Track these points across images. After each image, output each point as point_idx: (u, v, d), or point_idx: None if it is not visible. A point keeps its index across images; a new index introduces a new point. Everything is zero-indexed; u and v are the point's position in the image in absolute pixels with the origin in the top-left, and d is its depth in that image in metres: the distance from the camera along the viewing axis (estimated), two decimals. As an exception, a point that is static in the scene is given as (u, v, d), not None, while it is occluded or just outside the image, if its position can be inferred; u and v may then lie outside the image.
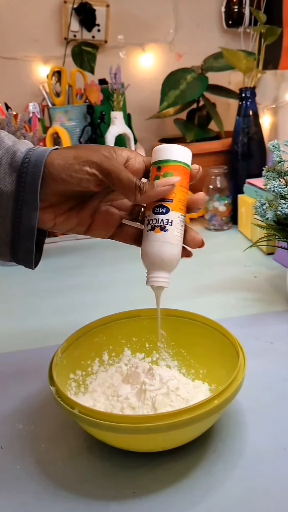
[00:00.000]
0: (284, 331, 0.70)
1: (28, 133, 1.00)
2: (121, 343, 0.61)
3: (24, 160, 0.45)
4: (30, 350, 0.70)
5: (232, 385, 0.45)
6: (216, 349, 0.56)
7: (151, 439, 0.45)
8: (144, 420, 0.43)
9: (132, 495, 0.44)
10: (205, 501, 0.43)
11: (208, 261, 1.00)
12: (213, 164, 1.22)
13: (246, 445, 0.49)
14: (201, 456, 0.48)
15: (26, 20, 1.33)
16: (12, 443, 0.52)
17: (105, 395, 0.53)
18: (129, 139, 1.19)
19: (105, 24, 1.33)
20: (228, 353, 0.53)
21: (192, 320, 0.60)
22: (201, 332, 0.58)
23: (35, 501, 0.45)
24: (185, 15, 1.40)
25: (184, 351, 0.60)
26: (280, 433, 0.50)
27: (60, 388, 0.46)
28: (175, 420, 0.42)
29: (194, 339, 0.59)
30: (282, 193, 0.73)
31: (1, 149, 0.46)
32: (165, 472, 0.46)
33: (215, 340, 0.56)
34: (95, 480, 0.46)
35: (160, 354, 0.61)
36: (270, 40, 1.13)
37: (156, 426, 0.42)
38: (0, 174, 0.45)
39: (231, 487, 0.44)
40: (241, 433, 0.50)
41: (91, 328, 0.58)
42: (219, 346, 0.55)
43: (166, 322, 0.61)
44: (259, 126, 1.14)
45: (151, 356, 0.61)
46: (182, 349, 0.61)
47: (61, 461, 0.49)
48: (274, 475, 0.45)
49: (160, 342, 0.60)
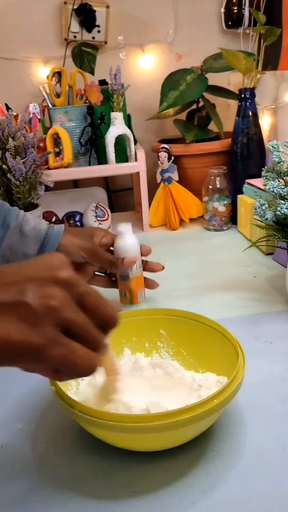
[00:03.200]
0: (284, 331, 0.70)
1: (28, 134, 1.00)
2: (121, 343, 0.61)
3: (46, 235, 0.72)
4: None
5: (231, 385, 0.46)
6: (215, 349, 0.56)
7: (150, 438, 0.45)
8: (144, 419, 0.43)
9: (131, 494, 0.44)
10: (204, 500, 0.43)
11: (207, 261, 1.00)
12: (213, 164, 1.22)
13: (245, 444, 0.49)
14: (201, 455, 0.48)
15: (27, 21, 1.34)
16: (12, 442, 0.52)
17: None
18: (129, 139, 1.19)
19: (105, 25, 1.34)
20: (227, 353, 0.53)
21: (192, 320, 0.60)
22: (201, 332, 0.58)
23: (35, 501, 0.45)
24: (185, 16, 1.40)
25: (183, 351, 0.61)
26: (280, 433, 0.50)
27: (61, 388, 0.47)
28: (175, 419, 0.42)
29: (194, 339, 0.59)
30: (281, 193, 0.73)
31: (29, 225, 0.72)
32: (165, 471, 0.46)
33: (214, 340, 0.56)
34: (95, 479, 0.46)
35: (160, 354, 0.62)
36: (269, 41, 1.13)
37: (155, 425, 0.42)
38: (28, 242, 0.71)
39: (231, 486, 0.44)
40: (240, 433, 0.51)
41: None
42: (219, 346, 0.55)
43: (166, 322, 0.61)
44: (259, 126, 1.15)
45: (151, 356, 0.61)
46: (181, 349, 0.61)
47: (61, 460, 0.49)
48: (273, 474, 0.45)
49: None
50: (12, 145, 0.97)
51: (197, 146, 1.24)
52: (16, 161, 0.95)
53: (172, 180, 1.22)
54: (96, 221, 1.22)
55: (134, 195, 1.42)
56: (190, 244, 1.11)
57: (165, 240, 1.17)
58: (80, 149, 1.23)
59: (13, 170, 0.95)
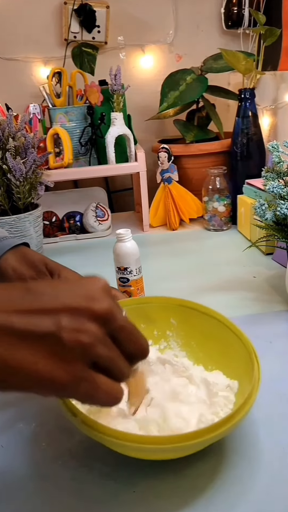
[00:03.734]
0: (283, 331, 0.70)
1: (28, 134, 1.00)
2: None
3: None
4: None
5: (247, 404, 0.44)
6: (227, 347, 0.54)
7: (155, 456, 0.45)
8: (150, 441, 0.41)
9: (132, 494, 0.45)
10: (205, 500, 0.43)
11: (207, 261, 1.00)
12: (213, 164, 1.22)
13: (244, 444, 0.49)
14: (201, 456, 0.48)
15: (27, 21, 1.34)
16: (13, 442, 0.52)
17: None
18: (129, 140, 1.20)
19: (105, 25, 1.34)
20: (239, 354, 0.52)
21: (205, 314, 0.58)
22: (213, 327, 0.56)
23: (35, 500, 0.45)
24: (185, 16, 1.40)
25: (193, 343, 0.59)
26: (280, 432, 0.50)
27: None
28: (182, 444, 0.40)
29: (205, 333, 0.57)
30: (281, 193, 0.73)
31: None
32: (165, 471, 0.47)
33: (228, 339, 0.54)
34: (95, 479, 0.46)
35: (168, 342, 0.60)
36: (269, 41, 1.13)
37: (161, 448, 0.41)
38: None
39: (231, 486, 0.44)
40: (240, 433, 0.51)
41: None
42: (231, 346, 0.53)
43: (178, 311, 0.59)
44: (259, 127, 1.15)
45: (158, 344, 0.60)
46: (192, 341, 0.59)
47: (61, 460, 0.49)
48: (274, 474, 0.45)
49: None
50: (12, 145, 0.97)
51: (197, 146, 1.24)
52: (16, 161, 0.95)
53: (172, 180, 1.22)
54: (96, 221, 1.22)
55: (134, 195, 1.42)
56: (190, 244, 1.11)
57: (165, 240, 1.17)
58: (80, 149, 1.23)
59: (13, 170, 0.96)
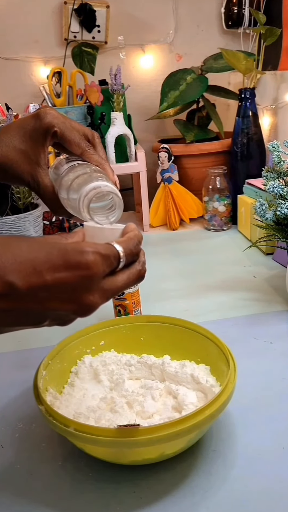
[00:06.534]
0: (283, 331, 0.70)
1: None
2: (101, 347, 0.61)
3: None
4: (30, 350, 0.71)
5: (223, 394, 0.45)
6: (203, 352, 0.55)
7: (146, 451, 0.44)
8: (134, 433, 0.42)
9: (132, 494, 0.44)
10: (205, 500, 0.43)
11: (207, 261, 1.00)
12: (213, 164, 1.22)
13: (245, 444, 0.49)
14: (201, 455, 0.48)
15: (27, 21, 1.34)
16: (13, 442, 0.52)
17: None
18: (129, 139, 1.20)
19: (105, 25, 1.34)
20: (216, 357, 0.53)
21: (175, 325, 0.59)
22: (185, 336, 0.57)
23: (36, 500, 0.45)
24: (185, 16, 1.40)
25: (169, 356, 0.59)
26: (280, 432, 0.50)
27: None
28: (167, 432, 0.41)
29: (178, 344, 0.58)
30: (281, 193, 0.73)
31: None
32: (165, 471, 0.47)
33: (202, 345, 0.55)
34: (95, 479, 0.46)
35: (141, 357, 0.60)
36: (269, 41, 1.13)
37: (143, 439, 0.41)
38: None
39: (231, 486, 0.44)
40: (240, 433, 0.51)
41: (71, 341, 0.57)
42: (207, 350, 0.54)
43: (147, 328, 0.60)
44: (259, 126, 1.15)
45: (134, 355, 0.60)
46: (166, 354, 0.59)
47: (61, 460, 0.49)
48: (273, 474, 0.45)
49: None
50: (12, 145, 0.97)
51: (197, 146, 1.24)
52: (16, 161, 0.95)
53: (172, 180, 1.22)
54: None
55: (134, 195, 1.42)
56: (190, 244, 1.11)
57: (165, 240, 1.17)
58: (80, 149, 1.23)
59: (13, 170, 0.95)
